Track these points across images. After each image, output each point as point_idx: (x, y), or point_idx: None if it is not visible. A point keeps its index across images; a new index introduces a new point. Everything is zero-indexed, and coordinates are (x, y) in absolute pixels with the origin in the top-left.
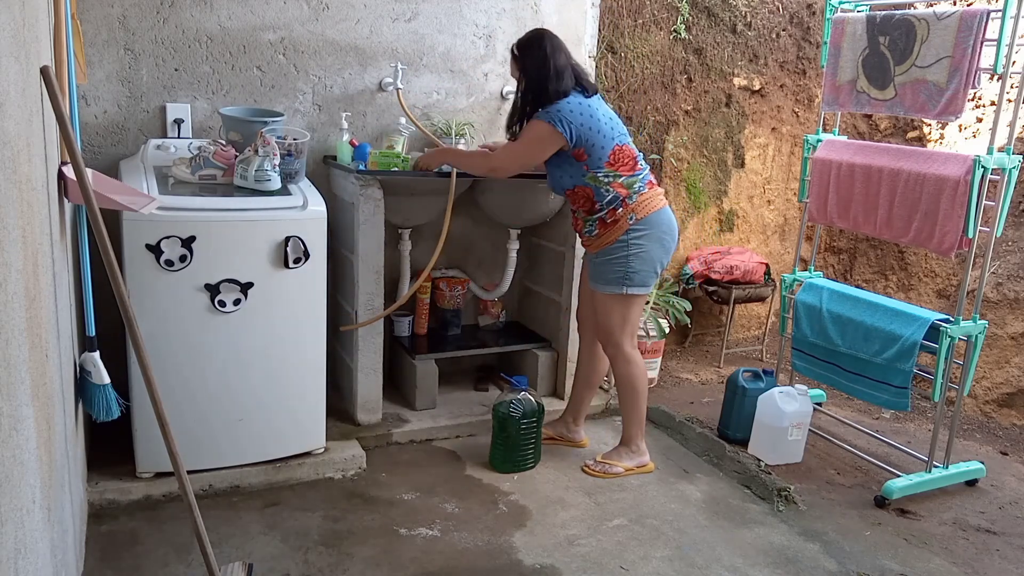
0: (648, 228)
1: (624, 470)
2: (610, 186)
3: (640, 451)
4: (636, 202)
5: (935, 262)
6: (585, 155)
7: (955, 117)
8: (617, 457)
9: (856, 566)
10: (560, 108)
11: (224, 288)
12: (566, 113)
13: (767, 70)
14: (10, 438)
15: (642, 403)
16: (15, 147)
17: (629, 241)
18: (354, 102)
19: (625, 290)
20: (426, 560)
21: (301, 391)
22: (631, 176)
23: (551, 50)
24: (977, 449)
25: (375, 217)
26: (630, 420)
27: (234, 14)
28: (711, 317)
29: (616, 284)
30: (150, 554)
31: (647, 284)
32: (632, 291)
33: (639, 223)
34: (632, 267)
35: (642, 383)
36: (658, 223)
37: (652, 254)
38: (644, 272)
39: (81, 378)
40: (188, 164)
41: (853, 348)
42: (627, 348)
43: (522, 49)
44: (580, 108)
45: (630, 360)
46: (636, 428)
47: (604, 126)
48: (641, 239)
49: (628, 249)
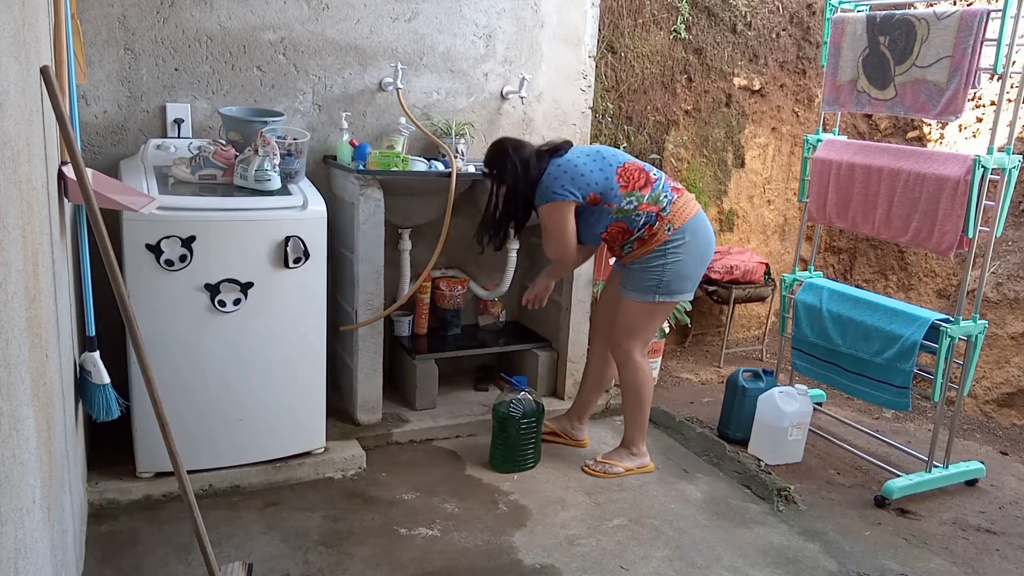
0: (686, 237)
1: (624, 471)
2: (639, 209)
3: (641, 453)
4: (671, 213)
5: (935, 262)
6: (600, 197)
7: (955, 117)
8: (618, 458)
9: (856, 566)
10: (549, 184)
11: (224, 288)
12: (554, 184)
13: (767, 70)
14: (10, 438)
15: (646, 409)
16: (15, 147)
17: (667, 251)
18: (354, 102)
19: (656, 298)
20: (426, 560)
21: (301, 391)
22: (652, 191)
23: (513, 151)
24: (977, 449)
25: (375, 217)
26: (633, 425)
27: (234, 14)
28: (711, 317)
29: (648, 292)
30: (150, 554)
31: (678, 293)
32: (662, 299)
33: (677, 232)
34: (667, 277)
35: (648, 391)
36: (695, 231)
37: (689, 266)
38: (677, 283)
39: (81, 378)
40: (188, 164)
41: (853, 348)
42: (637, 356)
43: (492, 166)
44: (559, 171)
45: (639, 368)
46: (638, 432)
47: (593, 164)
48: (679, 249)
49: (665, 258)
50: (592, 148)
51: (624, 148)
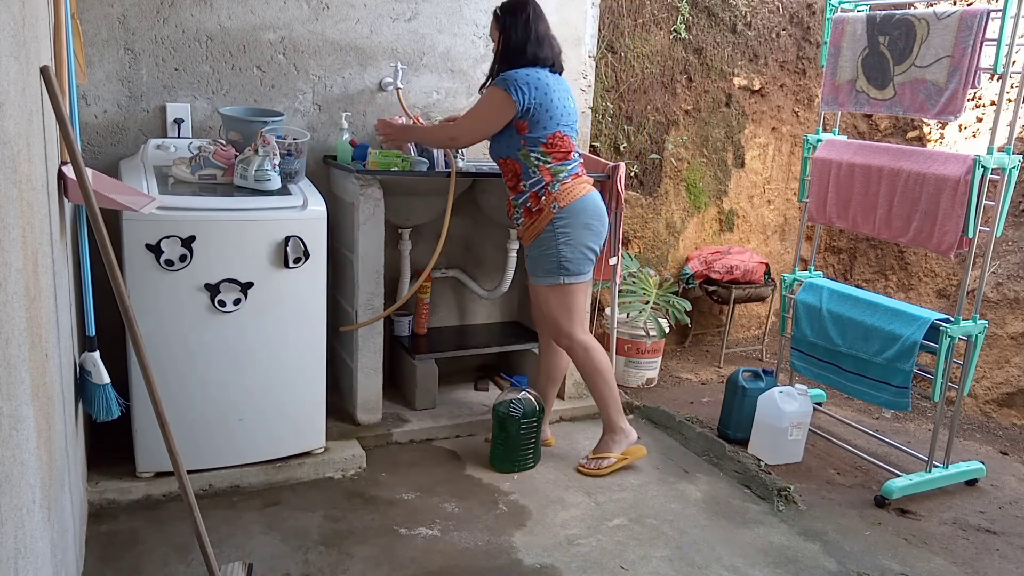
0: (572, 216)
1: (616, 459)
2: (538, 168)
3: (626, 431)
4: (558, 191)
5: (935, 262)
6: (526, 128)
7: (954, 117)
8: (606, 448)
9: (856, 566)
10: (518, 76)
11: (224, 288)
12: (523, 83)
13: (767, 70)
14: (10, 438)
15: (611, 384)
16: (15, 147)
17: (556, 230)
18: (354, 102)
19: (562, 280)
20: (426, 560)
21: (301, 391)
22: (560, 164)
23: (534, 17)
24: (977, 449)
25: (375, 217)
26: (606, 404)
27: (234, 14)
28: (711, 317)
29: (552, 275)
30: (150, 554)
31: (583, 271)
32: (568, 280)
33: (562, 211)
34: (563, 255)
35: (605, 365)
36: (582, 210)
37: (580, 239)
38: (576, 260)
39: (81, 378)
40: (188, 164)
41: (853, 348)
42: (580, 335)
43: (506, 11)
44: (538, 82)
45: (586, 346)
46: (614, 410)
47: (555, 108)
48: (567, 227)
49: (556, 238)
50: (571, 102)
51: (624, 148)
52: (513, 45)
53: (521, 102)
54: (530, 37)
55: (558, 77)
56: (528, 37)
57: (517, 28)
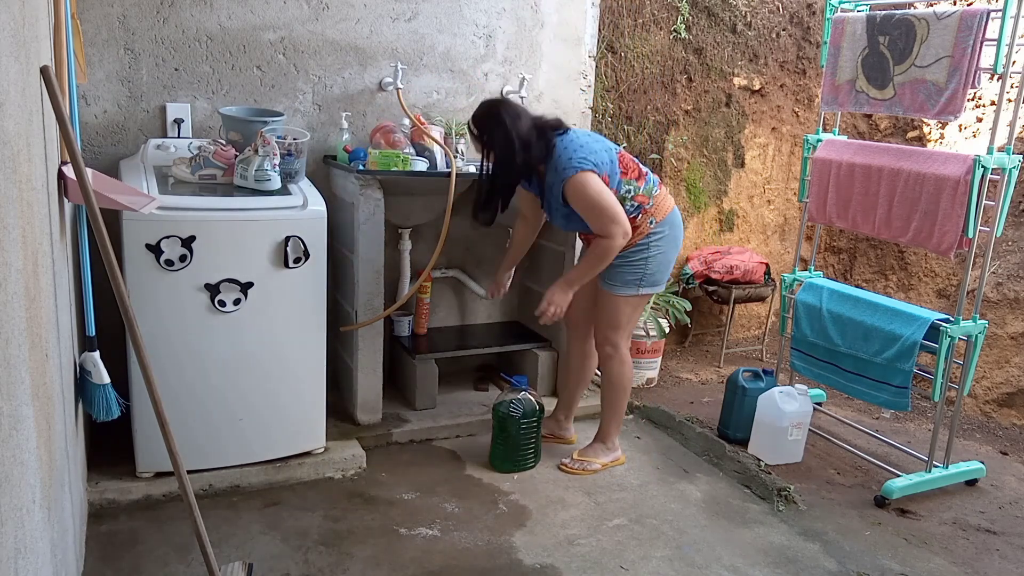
0: (666, 229)
1: (601, 466)
2: (634, 199)
3: (615, 447)
4: (654, 206)
5: (935, 262)
6: (607, 179)
7: (954, 117)
8: (594, 454)
9: (856, 566)
10: (565, 158)
11: (224, 288)
12: (574, 155)
13: (767, 70)
14: (10, 438)
15: (624, 404)
16: (15, 147)
17: (650, 244)
18: (354, 102)
19: (640, 291)
20: (426, 560)
21: (301, 391)
22: (646, 184)
23: (510, 121)
24: (977, 449)
25: (375, 217)
26: (610, 418)
27: (234, 14)
28: (711, 317)
29: (632, 286)
30: (150, 554)
31: (660, 284)
32: (645, 291)
33: (659, 225)
34: (650, 269)
35: (629, 383)
36: (673, 223)
37: (669, 255)
38: (660, 273)
39: (81, 378)
40: (188, 164)
41: (853, 348)
42: (623, 349)
43: (480, 125)
44: (573, 145)
45: (624, 361)
46: (615, 426)
47: (597, 146)
48: (661, 241)
49: (648, 251)
50: (589, 132)
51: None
52: (503, 161)
53: (595, 167)
54: (515, 147)
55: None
56: (513, 148)
57: (497, 143)
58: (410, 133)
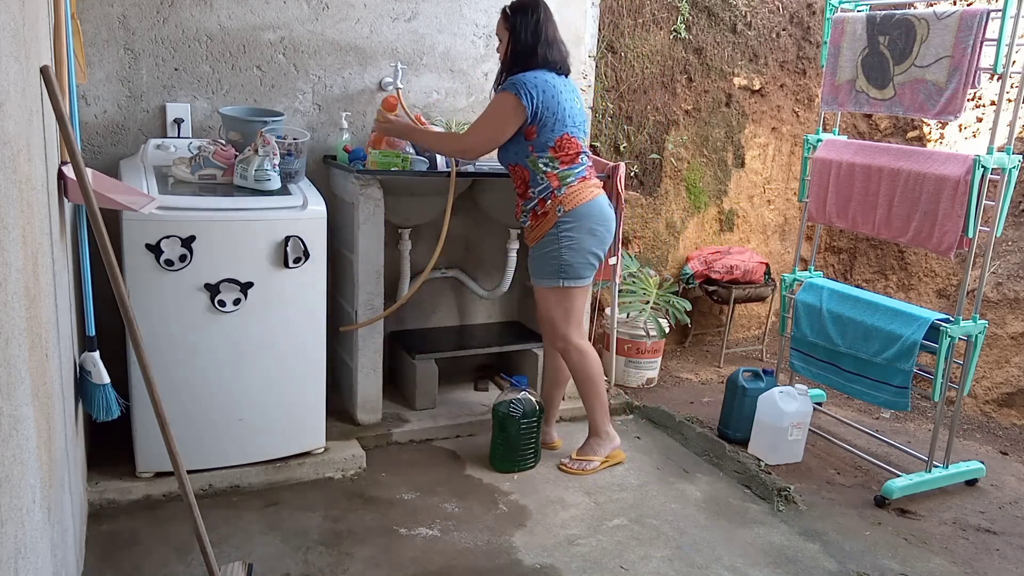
0: (576, 220)
1: (600, 462)
2: (546, 175)
3: (610, 436)
4: (564, 194)
5: (935, 262)
6: (535, 134)
7: (954, 117)
8: (590, 451)
9: (856, 566)
10: (526, 79)
11: (224, 288)
12: (531, 86)
13: (767, 70)
14: (10, 438)
15: (601, 390)
16: (15, 147)
17: (559, 234)
18: (354, 102)
19: (561, 283)
20: (426, 560)
21: (301, 391)
22: (568, 168)
23: (545, 17)
24: (977, 449)
25: (375, 217)
26: (594, 409)
27: (234, 14)
28: (711, 317)
29: (552, 277)
30: (150, 554)
31: (583, 276)
32: (568, 284)
33: (567, 215)
34: (565, 259)
35: (596, 371)
36: (587, 214)
37: (584, 244)
38: (578, 264)
39: (81, 378)
40: (188, 164)
41: (853, 348)
42: (575, 339)
43: (515, 10)
44: (547, 85)
45: (581, 350)
46: (601, 415)
47: (563, 111)
48: (571, 231)
49: (559, 242)
50: (578, 104)
51: (624, 148)
52: (523, 47)
53: (530, 106)
54: (540, 39)
55: (565, 80)
56: (539, 39)
57: (527, 29)
58: None
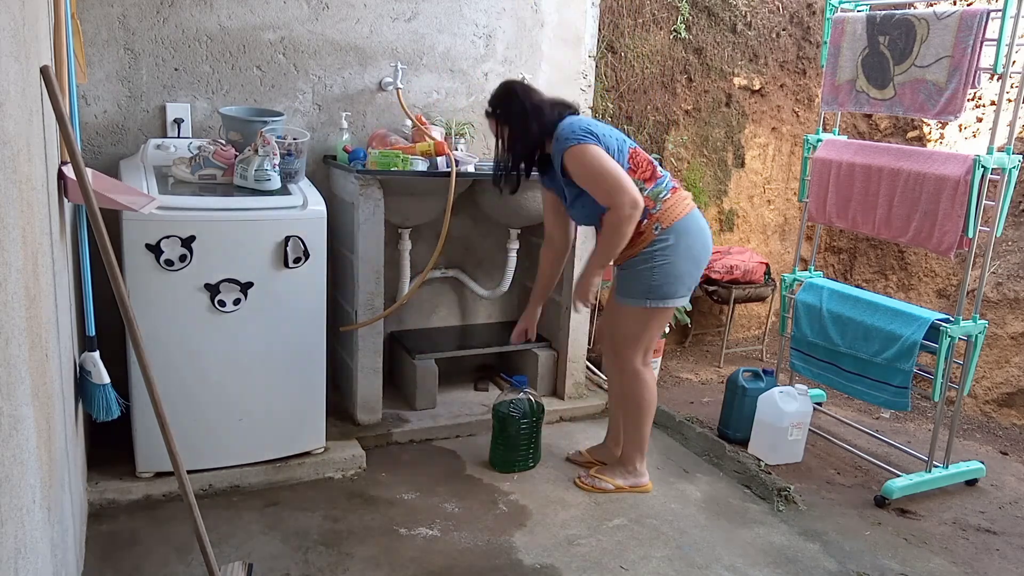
0: (674, 238)
1: (615, 488)
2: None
3: (638, 472)
4: (660, 211)
5: (935, 262)
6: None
7: (954, 117)
8: (611, 474)
9: (856, 566)
10: (564, 131)
11: (224, 288)
12: (572, 129)
13: (767, 70)
14: (10, 438)
15: (646, 424)
16: (15, 147)
17: (654, 253)
18: (354, 102)
19: (647, 303)
20: (426, 560)
21: (301, 391)
22: (655, 186)
23: (523, 93)
24: (977, 449)
25: (375, 217)
26: (630, 439)
27: (234, 14)
28: (711, 317)
29: (639, 297)
30: (150, 554)
31: (671, 297)
32: (653, 304)
33: (664, 232)
34: (656, 280)
35: (648, 403)
36: (685, 231)
37: (678, 267)
38: (668, 286)
39: (81, 378)
40: (188, 164)
41: (853, 348)
42: (637, 364)
43: (496, 104)
44: (574, 122)
45: (639, 377)
46: (636, 449)
47: (606, 133)
48: (667, 250)
49: (653, 261)
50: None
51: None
52: (519, 131)
53: (600, 142)
54: (529, 115)
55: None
56: (527, 117)
57: (513, 116)
58: (411, 134)
